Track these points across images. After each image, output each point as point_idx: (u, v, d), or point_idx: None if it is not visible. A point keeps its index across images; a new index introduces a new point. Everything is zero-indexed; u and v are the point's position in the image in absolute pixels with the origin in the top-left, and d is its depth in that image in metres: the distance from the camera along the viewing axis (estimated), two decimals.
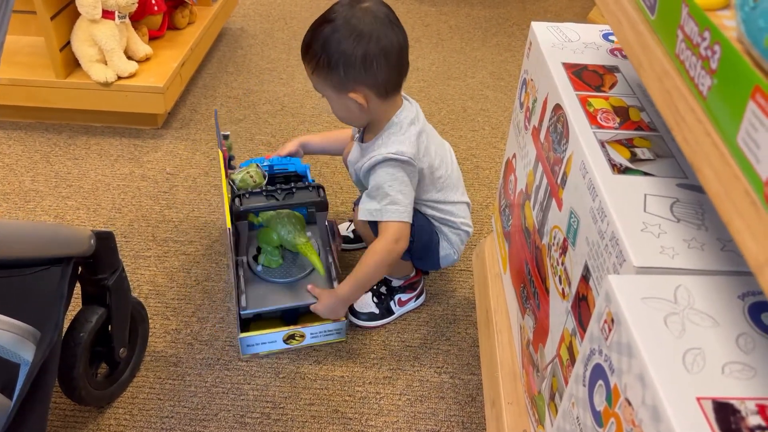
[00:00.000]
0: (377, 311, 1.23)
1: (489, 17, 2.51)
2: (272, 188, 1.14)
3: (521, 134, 1.00)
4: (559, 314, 0.75)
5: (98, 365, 1.05)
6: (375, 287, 1.25)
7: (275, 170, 1.27)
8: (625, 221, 0.60)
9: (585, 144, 0.71)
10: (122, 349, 1.05)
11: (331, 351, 1.19)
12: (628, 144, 0.72)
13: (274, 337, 1.14)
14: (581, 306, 0.68)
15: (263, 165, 1.27)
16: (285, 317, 1.19)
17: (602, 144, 0.71)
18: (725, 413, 0.43)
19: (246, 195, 1.12)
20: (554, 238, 0.78)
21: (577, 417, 0.59)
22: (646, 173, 0.67)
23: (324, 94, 1.07)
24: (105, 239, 0.94)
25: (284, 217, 1.20)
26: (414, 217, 1.09)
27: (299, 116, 1.86)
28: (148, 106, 1.69)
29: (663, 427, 0.43)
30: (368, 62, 0.99)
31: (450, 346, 1.21)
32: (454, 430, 1.07)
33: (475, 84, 2.06)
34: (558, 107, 0.81)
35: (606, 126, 0.74)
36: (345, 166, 1.28)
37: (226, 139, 1.31)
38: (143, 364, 1.15)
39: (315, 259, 1.17)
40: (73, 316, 0.97)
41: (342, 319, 1.17)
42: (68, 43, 1.64)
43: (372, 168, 1.07)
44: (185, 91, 1.93)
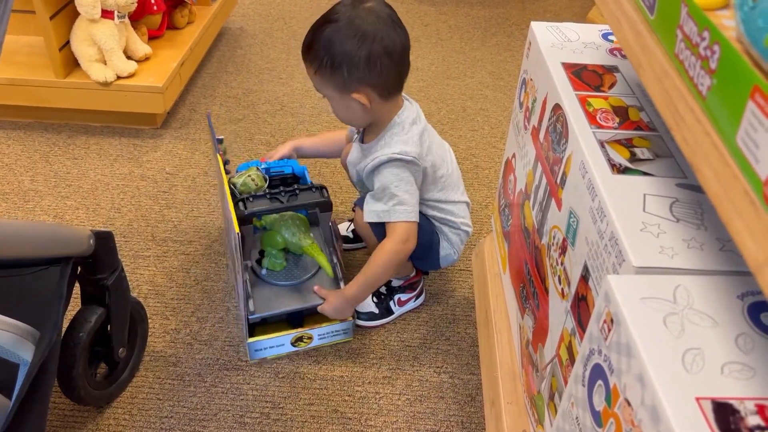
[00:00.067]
0: (377, 311, 1.23)
1: (488, 17, 2.51)
2: (275, 191, 1.13)
3: (521, 134, 1.00)
4: (559, 314, 0.75)
5: (97, 365, 1.05)
6: None
7: (272, 173, 1.26)
8: (625, 221, 0.60)
9: (584, 144, 0.71)
10: (121, 349, 1.05)
11: (331, 351, 1.19)
12: (628, 144, 0.72)
13: (282, 341, 1.14)
14: (580, 306, 0.68)
15: (260, 168, 1.26)
16: (290, 319, 1.19)
17: (602, 144, 0.71)
18: (724, 413, 0.43)
19: (250, 198, 1.11)
20: (554, 238, 0.78)
21: (577, 417, 0.59)
22: (646, 173, 0.67)
23: (325, 95, 1.07)
24: (104, 239, 0.94)
25: (288, 219, 1.20)
26: None
27: (298, 116, 1.86)
28: (148, 106, 1.69)
29: (662, 428, 0.43)
30: (372, 62, 0.99)
31: (449, 346, 1.21)
32: (454, 430, 1.07)
33: (475, 84, 2.06)
34: (557, 107, 0.81)
35: (605, 126, 0.74)
36: (343, 167, 1.27)
37: (221, 143, 1.30)
38: (142, 364, 1.15)
39: (323, 260, 1.17)
40: (73, 316, 0.97)
41: (349, 319, 1.17)
42: (67, 43, 1.64)
43: (376, 169, 1.07)
44: (184, 91, 1.93)
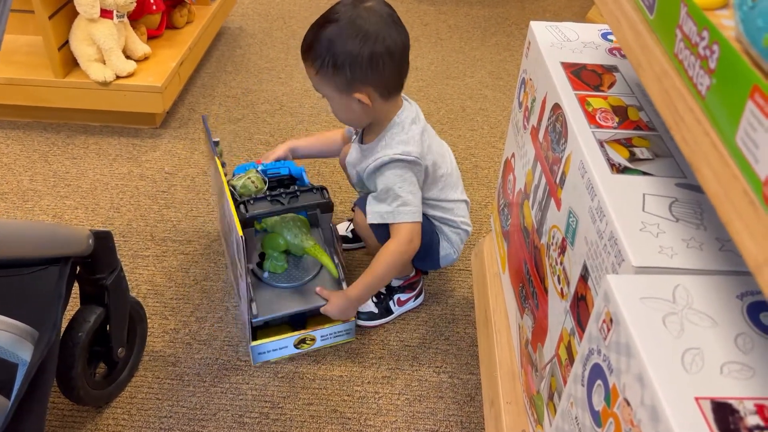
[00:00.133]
0: (376, 311, 1.23)
1: (488, 16, 2.51)
2: (276, 193, 1.12)
3: (520, 134, 1.00)
4: (558, 314, 0.75)
5: (96, 365, 1.05)
6: None
7: (268, 174, 1.25)
8: (624, 221, 0.60)
9: (584, 143, 0.71)
10: (120, 349, 1.05)
11: (330, 351, 1.19)
12: (627, 143, 0.72)
13: (285, 343, 1.14)
14: (580, 306, 0.68)
15: (257, 170, 1.24)
16: (293, 321, 1.18)
17: (601, 143, 0.71)
18: (724, 413, 0.43)
19: (250, 201, 1.10)
20: (553, 238, 0.78)
21: (576, 417, 0.59)
22: (645, 173, 0.67)
23: (325, 95, 1.06)
24: (103, 239, 0.94)
25: (289, 221, 1.19)
26: None
27: (298, 115, 1.85)
28: (147, 106, 1.69)
29: (662, 427, 0.43)
30: (374, 62, 0.99)
31: (449, 346, 1.21)
32: (453, 430, 1.07)
33: (474, 83, 2.06)
34: (557, 107, 0.81)
35: (605, 125, 0.74)
36: (342, 168, 1.27)
37: (217, 146, 1.29)
38: (142, 364, 1.15)
39: (327, 261, 1.17)
40: (72, 316, 0.97)
41: (351, 319, 1.16)
42: (66, 43, 1.64)
43: (378, 170, 1.07)
44: (184, 91, 1.92)
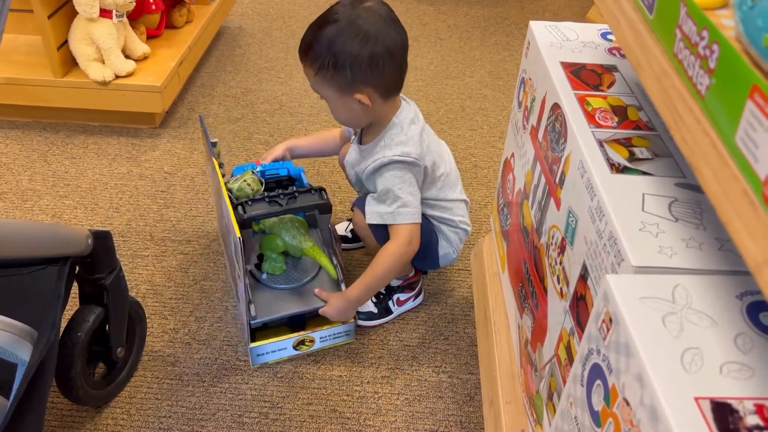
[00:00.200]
0: (376, 311, 1.23)
1: (487, 16, 2.51)
2: (274, 194, 1.12)
3: (519, 133, 1.00)
4: (558, 314, 0.75)
5: (96, 365, 1.05)
6: None
7: (267, 175, 1.25)
8: (624, 221, 0.60)
9: (583, 143, 0.71)
10: (120, 349, 1.05)
11: (329, 351, 1.19)
12: (627, 143, 0.71)
13: (284, 345, 1.13)
14: (579, 305, 0.67)
15: (256, 171, 1.24)
16: (292, 323, 1.18)
17: (600, 143, 0.71)
18: (723, 413, 0.43)
19: (248, 202, 1.10)
20: (552, 238, 0.78)
21: (575, 417, 0.59)
22: (645, 172, 0.67)
23: (324, 96, 1.06)
24: (102, 239, 0.94)
25: (287, 222, 1.19)
26: None
27: (297, 115, 1.85)
28: (146, 105, 1.69)
29: (661, 427, 0.43)
30: (375, 62, 0.99)
31: (448, 346, 1.21)
32: (452, 430, 1.07)
33: (474, 83, 2.06)
34: (556, 106, 0.81)
35: (604, 125, 0.74)
36: (341, 167, 1.27)
37: (215, 146, 1.29)
38: (141, 364, 1.14)
39: (326, 262, 1.16)
40: (71, 316, 0.97)
41: (351, 321, 1.16)
42: (66, 42, 1.64)
43: (377, 171, 1.07)
44: (183, 90, 1.92)
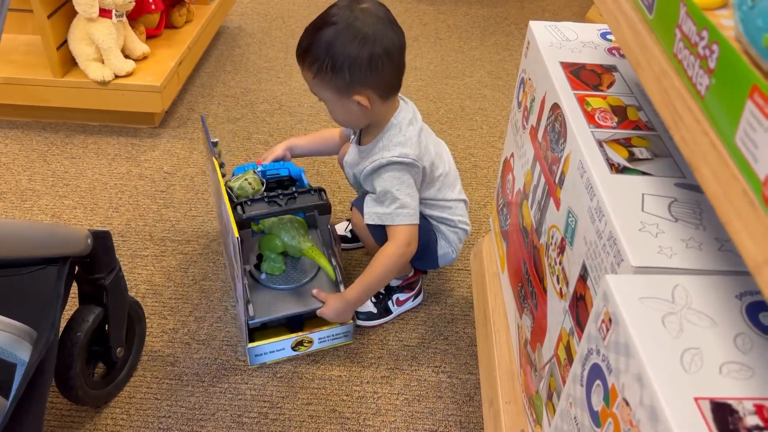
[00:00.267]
0: (375, 311, 1.23)
1: (487, 16, 2.51)
2: (274, 194, 1.12)
3: (519, 133, 1.00)
4: (557, 314, 0.75)
5: (95, 365, 1.05)
6: None
7: (268, 175, 1.25)
8: (623, 221, 0.60)
9: (583, 143, 0.71)
10: (119, 349, 1.05)
11: (329, 351, 1.19)
12: (626, 143, 0.71)
13: (282, 345, 1.13)
14: (579, 306, 0.67)
15: (256, 171, 1.24)
16: (290, 323, 1.18)
17: (600, 143, 0.71)
18: (723, 413, 0.43)
19: (248, 202, 1.10)
20: (552, 238, 0.78)
21: (575, 417, 0.59)
22: (644, 173, 0.67)
23: (323, 98, 1.06)
24: (102, 238, 0.94)
25: (287, 223, 1.19)
26: None
27: (297, 115, 1.85)
28: (146, 105, 1.68)
29: (661, 428, 0.43)
30: (373, 64, 0.99)
31: (448, 346, 1.21)
32: (452, 430, 1.07)
33: (473, 83, 2.06)
34: (556, 106, 0.81)
35: (604, 125, 0.74)
36: (340, 167, 1.27)
37: (216, 146, 1.29)
38: (140, 364, 1.14)
39: (324, 263, 1.16)
40: (70, 316, 0.97)
41: (349, 322, 1.16)
42: (65, 42, 1.64)
43: (375, 172, 1.07)
44: (183, 90, 1.92)
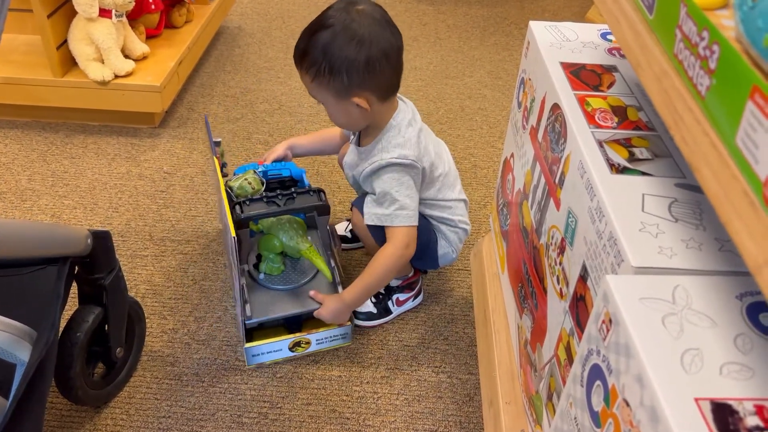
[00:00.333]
0: (375, 311, 1.23)
1: (487, 16, 2.50)
2: (272, 194, 1.12)
3: (519, 134, 1.00)
4: (557, 314, 0.75)
5: (95, 365, 1.05)
6: None
7: (269, 175, 1.25)
8: (623, 221, 0.60)
9: (583, 143, 0.71)
10: (119, 349, 1.05)
11: (329, 351, 1.19)
12: (627, 144, 0.71)
13: (280, 346, 1.13)
14: (579, 306, 0.67)
15: (258, 171, 1.24)
16: (288, 324, 1.18)
17: (600, 143, 0.71)
18: (723, 414, 0.43)
19: (246, 202, 1.10)
20: (552, 238, 0.78)
21: (575, 417, 0.59)
22: (645, 173, 0.67)
23: (321, 101, 1.05)
24: (102, 238, 0.94)
25: (285, 223, 1.19)
26: None
27: (297, 115, 1.85)
28: (145, 105, 1.68)
29: (661, 428, 0.43)
30: (371, 66, 0.98)
31: (448, 346, 1.21)
32: (452, 430, 1.07)
33: (473, 83, 2.06)
34: (556, 107, 0.80)
35: (604, 125, 0.74)
36: (340, 167, 1.27)
37: (218, 146, 1.29)
38: (140, 364, 1.14)
39: (321, 264, 1.16)
40: (70, 316, 0.97)
41: (347, 323, 1.16)
42: (65, 42, 1.64)
43: (375, 173, 1.07)
44: (182, 90, 1.92)
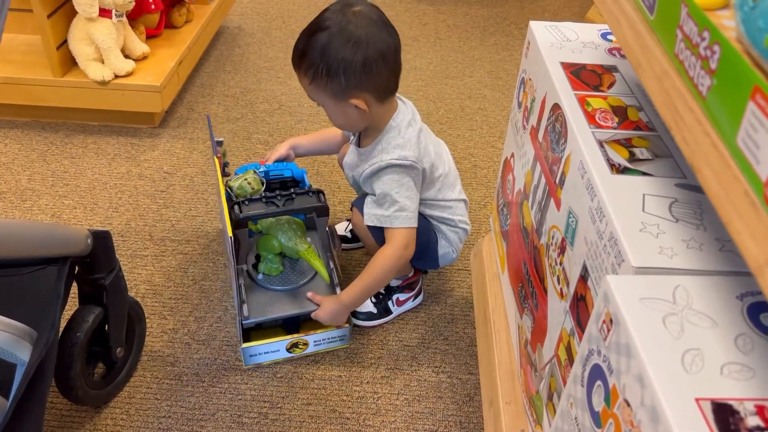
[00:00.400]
0: (375, 311, 1.23)
1: (487, 16, 2.50)
2: (271, 194, 1.12)
3: (519, 134, 1.00)
4: (558, 314, 0.75)
5: (95, 365, 1.05)
6: None
7: (271, 176, 1.25)
8: (624, 221, 0.60)
9: (583, 144, 0.71)
10: (119, 349, 1.05)
11: (329, 351, 1.19)
12: (627, 144, 0.71)
13: (277, 346, 1.13)
14: (579, 306, 0.67)
15: (259, 171, 1.24)
16: (286, 325, 1.18)
17: (601, 144, 0.71)
18: (724, 414, 0.43)
19: (245, 202, 1.10)
20: (552, 238, 0.78)
21: (576, 417, 0.59)
22: (645, 173, 0.67)
23: (320, 103, 1.05)
24: (102, 238, 0.94)
25: (284, 224, 1.19)
26: None
27: (297, 115, 1.85)
28: (145, 105, 1.68)
29: (662, 428, 0.43)
30: (368, 67, 0.98)
31: (448, 346, 1.21)
32: (452, 430, 1.07)
33: (473, 83, 2.06)
34: (556, 107, 0.81)
35: (604, 126, 0.74)
36: (340, 167, 1.27)
37: (221, 146, 1.29)
38: (140, 364, 1.14)
39: (319, 266, 1.16)
40: (70, 316, 0.97)
41: (345, 326, 1.16)
42: (65, 42, 1.64)
43: (375, 174, 1.07)
44: (182, 90, 1.92)
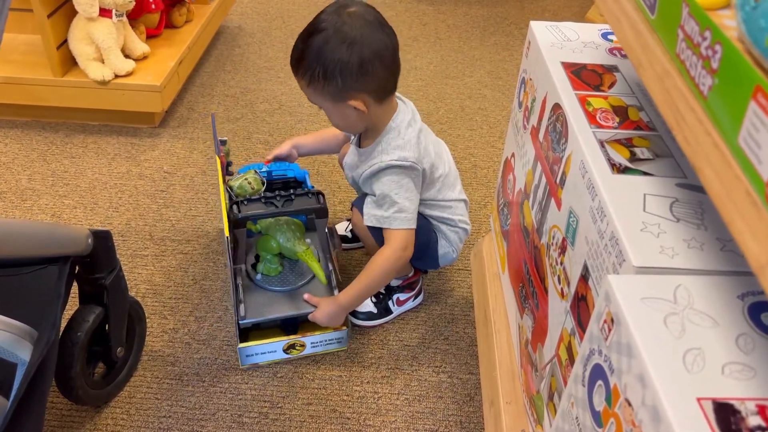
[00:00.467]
0: (375, 311, 1.23)
1: (487, 16, 2.50)
2: (271, 195, 1.12)
3: (520, 133, 1.00)
4: (558, 314, 0.75)
5: (95, 365, 1.05)
6: None
7: (273, 176, 1.25)
8: (625, 221, 0.60)
9: (584, 143, 0.71)
10: (119, 349, 1.05)
11: (327, 353, 1.19)
12: (628, 143, 0.71)
13: (274, 347, 1.13)
14: (580, 306, 0.67)
15: (261, 171, 1.24)
16: (284, 326, 1.18)
17: (601, 143, 0.71)
18: (725, 414, 0.43)
19: (244, 202, 1.10)
20: (553, 238, 0.78)
21: (577, 417, 0.59)
22: (646, 173, 0.67)
23: (320, 105, 1.05)
24: (102, 238, 0.94)
25: (283, 224, 1.19)
26: None
27: (297, 115, 1.85)
28: (146, 105, 1.68)
29: (663, 428, 0.43)
30: (364, 68, 0.98)
31: (448, 346, 1.21)
32: (452, 430, 1.07)
33: (473, 83, 2.06)
34: (557, 106, 0.80)
35: (605, 125, 0.74)
36: (341, 167, 1.27)
37: (224, 145, 1.29)
38: (140, 364, 1.14)
39: (316, 267, 1.16)
40: (71, 316, 0.97)
41: (343, 328, 1.16)
42: (65, 41, 1.64)
43: (374, 175, 1.07)
44: (182, 90, 1.92)
